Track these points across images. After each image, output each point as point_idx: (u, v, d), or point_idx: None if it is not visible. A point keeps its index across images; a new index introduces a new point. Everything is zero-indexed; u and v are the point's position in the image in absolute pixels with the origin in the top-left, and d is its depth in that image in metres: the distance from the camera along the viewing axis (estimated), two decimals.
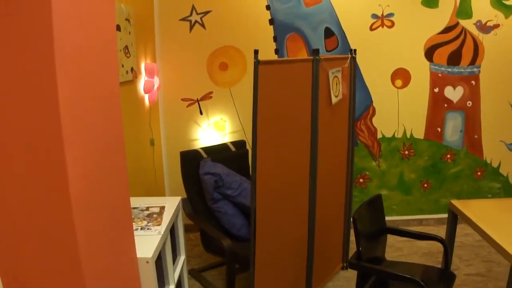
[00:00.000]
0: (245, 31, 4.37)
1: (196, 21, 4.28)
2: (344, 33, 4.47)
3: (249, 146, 4.27)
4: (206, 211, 3.58)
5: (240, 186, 3.59)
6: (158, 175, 4.29)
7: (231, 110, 4.53)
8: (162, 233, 2.45)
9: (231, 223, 3.53)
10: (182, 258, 3.12)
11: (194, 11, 4.25)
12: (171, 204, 2.94)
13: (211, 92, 4.47)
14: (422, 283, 2.43)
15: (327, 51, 4.46)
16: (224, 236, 3.28)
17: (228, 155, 3.87)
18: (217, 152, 3.80)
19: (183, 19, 4.27)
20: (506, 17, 4.65)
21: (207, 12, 4.28)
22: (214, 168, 3.51)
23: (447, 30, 4.61)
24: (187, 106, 4.46)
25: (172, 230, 2.87)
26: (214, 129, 4.51)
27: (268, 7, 4.33)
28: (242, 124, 4.56)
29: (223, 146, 3.94)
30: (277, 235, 3.14)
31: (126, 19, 3.34)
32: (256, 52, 2.76)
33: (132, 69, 3.47)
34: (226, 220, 3.52)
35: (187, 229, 4.55)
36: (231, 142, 4.01)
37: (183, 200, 3.49)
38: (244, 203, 3.56)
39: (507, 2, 4.61)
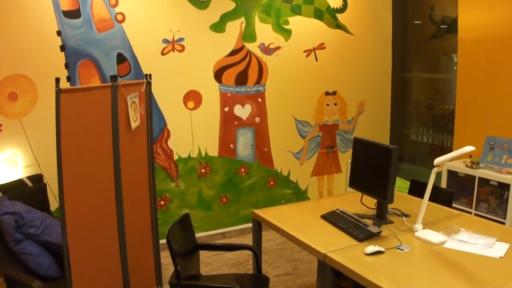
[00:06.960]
0: (35, 58, 4.08)
1: None
2: (136, 58, 4.50)
3: (46, 180, 4.02)
4: (8, 254, 3.27)
5: (43, 222, 3.37)
6: None
7: (23, 142, 4.17)
8: None
9: (38, 263, 3.29)
10: None
11: None
12: None
13: (0, 125, 4.07)
14: None
15: (120, 77, 4.43)
16: (33, 278, 3.04)
17: (25, 192, 3.62)
18: (13, 189, 3.52)
19: None
20: (286, 40, 5.22)
21: None
22: (13, 206, 3.25)
23: (234, 52, 4.97)
24: None
25: None
26: (6, 165, 4.13)
27: (59, 33, 4.13)
28: (36, 157, 4.25)
29: (19, 182, 3.66)
30: (92, 268, 3.05)
31: None
32: (57, 80, 2.67)
33: None
34: (32, 261, 3.27)
35: None
36: (27, 177, 3.76)
37: None
38: (50, 240, 3.36)
39: (286, 27, 5.16)
